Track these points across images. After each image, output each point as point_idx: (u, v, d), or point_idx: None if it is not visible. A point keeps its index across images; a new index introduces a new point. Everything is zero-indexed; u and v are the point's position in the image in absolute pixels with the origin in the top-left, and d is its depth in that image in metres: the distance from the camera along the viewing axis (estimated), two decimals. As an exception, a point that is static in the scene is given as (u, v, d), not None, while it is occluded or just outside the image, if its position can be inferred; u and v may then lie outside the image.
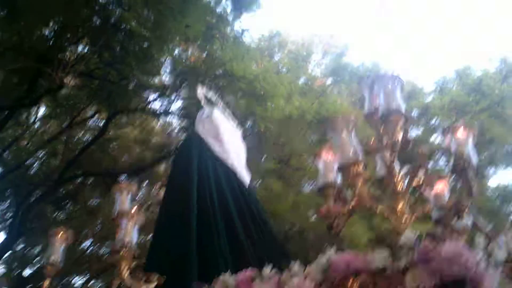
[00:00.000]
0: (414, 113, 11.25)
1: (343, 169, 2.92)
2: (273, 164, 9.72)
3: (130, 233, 3.92)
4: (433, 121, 11.00)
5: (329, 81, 12.04)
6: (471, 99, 10.30)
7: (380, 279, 2.45)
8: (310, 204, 8.48)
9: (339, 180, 3.26)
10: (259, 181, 10.45)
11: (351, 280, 2.56)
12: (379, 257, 2.47)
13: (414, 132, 11.42)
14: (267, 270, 2.90)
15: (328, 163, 3.37)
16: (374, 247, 2.60)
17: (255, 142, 10.73)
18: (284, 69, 12.45)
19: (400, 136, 2.90)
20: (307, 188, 10.89)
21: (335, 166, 3.18)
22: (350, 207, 2.92)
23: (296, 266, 2.83)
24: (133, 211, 4.12)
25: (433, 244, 2.31)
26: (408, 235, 2.40)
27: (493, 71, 12.07)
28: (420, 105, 11.02)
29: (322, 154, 3.47)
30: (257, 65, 11.87)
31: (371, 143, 3.12)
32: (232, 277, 3.03)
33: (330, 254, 2.70)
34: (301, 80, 12.33)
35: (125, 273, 3.72)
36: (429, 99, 11.67)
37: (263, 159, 10.68)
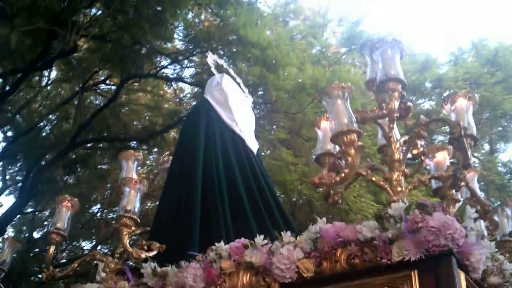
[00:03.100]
0: (427, 84, 11.02)
1: (337, 137, 2.83)
2: (284, 134, 9.61)
3: (133, 201, 3.93)
4: (446, 93, 10.69)
5: (343, 49, 11.82)
6: (486, 71, 10.07)
7: (368, 249, 2.41)
8: (319, 174, 8.34)
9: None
10: (269, 151, 10.37)
11: (339, 250, 2.53)
12: (367, 227, 2.43)
13: (428, 104, 11.24)
14: (260, 238, 2.89)
15: (326, 132, 3.30)
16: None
17: (266, 111, 10.64)
18: (299, 36, 12.26)
19: (397, 104, 2.81)
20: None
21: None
22: (343, 176, 2.84)
23: (287, 235, 2.82)
24: (136, 179, 4.14)
25: (422, 215, 2.26)
26: (397, 205, 2.35)
27: (510, 43, 11.78)
28: (433, 77, 10.78)
29: (321, 123, 3.42)
30: (272, 31, 11.70)
31: (372, 111, 3.04)
32: (226, 246, 3.03)
33: (321, 224, 2.66)
34: (316, 48, 12.12)
35: (126, 240, 3.74)
36: (443, 70, 11.44)
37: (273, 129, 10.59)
